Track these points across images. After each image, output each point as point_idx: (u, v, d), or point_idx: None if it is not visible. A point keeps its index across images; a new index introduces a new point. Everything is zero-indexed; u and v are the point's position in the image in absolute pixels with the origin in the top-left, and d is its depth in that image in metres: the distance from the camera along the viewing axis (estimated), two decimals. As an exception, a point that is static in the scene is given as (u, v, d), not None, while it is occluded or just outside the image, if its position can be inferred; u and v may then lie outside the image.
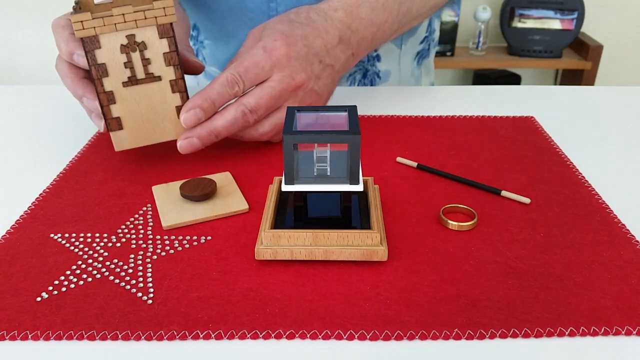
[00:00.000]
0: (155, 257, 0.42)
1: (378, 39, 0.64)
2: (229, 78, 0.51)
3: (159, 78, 0.49)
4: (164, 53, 0.48)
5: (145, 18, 0.46)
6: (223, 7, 0.72)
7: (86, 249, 0.43)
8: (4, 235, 0.44)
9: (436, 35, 0.87)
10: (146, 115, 0.51)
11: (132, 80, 0.49)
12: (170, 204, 0.47)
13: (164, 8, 0.46)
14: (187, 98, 0.51)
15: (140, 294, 0.38)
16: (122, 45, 0.47)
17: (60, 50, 0.51)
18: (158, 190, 0.50)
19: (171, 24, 0.47)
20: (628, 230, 0.45)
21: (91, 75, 0.49)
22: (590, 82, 2.07)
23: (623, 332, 0.35)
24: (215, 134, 0.52)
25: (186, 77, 0.58)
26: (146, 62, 0.48)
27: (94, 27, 0.46)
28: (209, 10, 0.74)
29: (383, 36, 0.65)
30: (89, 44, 0.47)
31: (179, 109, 0.51)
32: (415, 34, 0.80)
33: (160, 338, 0.35)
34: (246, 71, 0.52)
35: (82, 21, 0.45)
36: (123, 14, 0.45)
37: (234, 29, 0.72)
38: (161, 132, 0.52)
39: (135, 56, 0.48)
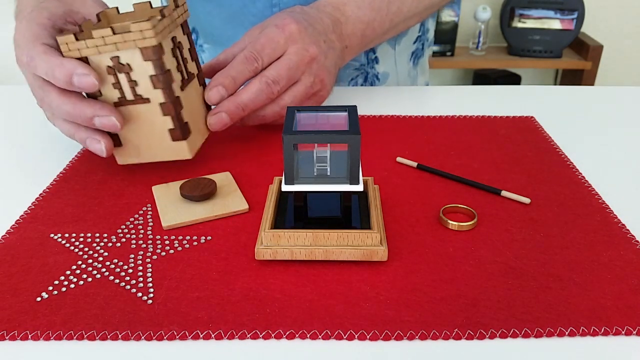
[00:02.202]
0: (155, 257, 0.42)
1: (368, 36, 0.66)
2: (247, 55, 0.54)
3: (147, 100, 0.48)
4: (150, 75, 0.47)
5: (125, 41, 0.45)
6: (225, 12, 0.72)
7: (86, 249, 0.43)
8: (4, 235, 0.44)
9: (430, 35, 0.87)
10: (142, 135, 0.50)
11: (122, 101, 0.49)
12: (170, 204, 0.47)
13: (141, 31, 0.44)
14: (179, 120, 0.49)
15: (140, 294, 0.38)
16: (107, 66, 0.47)
17: (53, 76, 0.46)
18: (158, 190, 0.50)
19: (160, 45, 0.46)
20: (628, 230, 0.45)
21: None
22: (590, 82, 2.07)
23: (623, 332, 0.35)
24: (242, 106, 0.54)
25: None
26: (133, 83, 0.47)
27: (78, 49, 0.46)
28: (210, 15, 0.74)
29: (373, 34, 0.66)
30: None
31: (171, 132, 0.50)
32: (407, 34, 0.80)
33: (160, 338, 0.35)
34: (263, 47, 0.55)
35: (67, 43, 0.46)
36: (103, 37, 0.45)
37: (236, 33, 0.72)
38: (157, 152, 0.52)
39: (122, 77, 0.47)
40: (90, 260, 0.41)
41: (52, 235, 0.44)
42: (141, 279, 0.39)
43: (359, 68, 0.78)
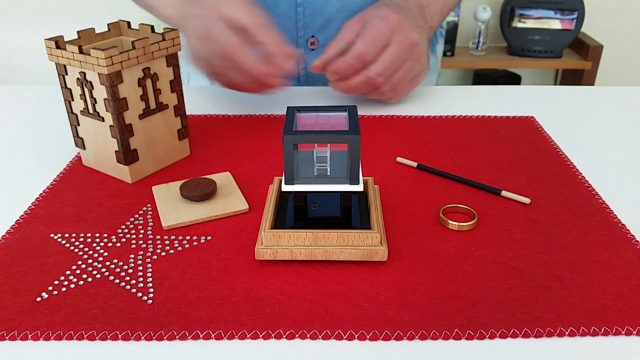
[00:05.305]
0: (155, 257, 0.42)
1: (445, 13, 0.74)
2: (360, 50, 0.60)
3: (102, 118, 0.50)
4: (103, 98, 0.48)
5: (86, 62, 0.47)
6: None
7: (86, 249, 0.43)
8: (4, 235, 0.44)
9: (443, 30, 0.91)
10: (98, 147, 0.52)
11: (85, 113, 0.51)
12: (170, 204, 0.47)
13: (97, 58, 0.46)
14: (124, 146, 0.50)
15: (140, 294, 0.38)
16: (77, 78, 0.49)
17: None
18: (158, 190, 0.50)
19: (116, 74, 0.47)
20: (628, 230, 0.45)
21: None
22: (590, 82, 2.07)
23: (623, 332, 0.35)
24: (352, 87, 0.63)
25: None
26: (93, 100, 0.49)
27: (57, 56, 0.49)
28: None
29: (448, 10, 0.75)
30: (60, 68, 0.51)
31: (116, 154, 0.51)
32: None
33: (160, 338, 0.35)
34: (373, 40, 0.60)
35: (49, 47, 0.49)
36: (72, 53, 0.48)
37: None
38: (106, 166, 0.53)
39: (87, 91, 0.50)
40: (90, 260, 0.41)
41: (52, 235, 0.44)
42: (141, 279, 0.39)
43: None
